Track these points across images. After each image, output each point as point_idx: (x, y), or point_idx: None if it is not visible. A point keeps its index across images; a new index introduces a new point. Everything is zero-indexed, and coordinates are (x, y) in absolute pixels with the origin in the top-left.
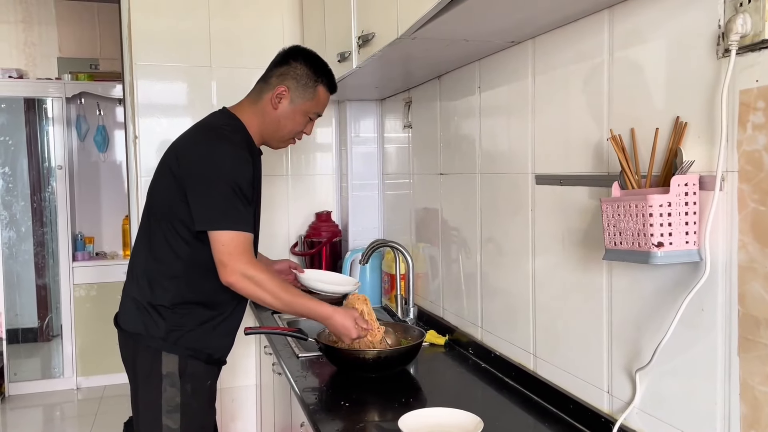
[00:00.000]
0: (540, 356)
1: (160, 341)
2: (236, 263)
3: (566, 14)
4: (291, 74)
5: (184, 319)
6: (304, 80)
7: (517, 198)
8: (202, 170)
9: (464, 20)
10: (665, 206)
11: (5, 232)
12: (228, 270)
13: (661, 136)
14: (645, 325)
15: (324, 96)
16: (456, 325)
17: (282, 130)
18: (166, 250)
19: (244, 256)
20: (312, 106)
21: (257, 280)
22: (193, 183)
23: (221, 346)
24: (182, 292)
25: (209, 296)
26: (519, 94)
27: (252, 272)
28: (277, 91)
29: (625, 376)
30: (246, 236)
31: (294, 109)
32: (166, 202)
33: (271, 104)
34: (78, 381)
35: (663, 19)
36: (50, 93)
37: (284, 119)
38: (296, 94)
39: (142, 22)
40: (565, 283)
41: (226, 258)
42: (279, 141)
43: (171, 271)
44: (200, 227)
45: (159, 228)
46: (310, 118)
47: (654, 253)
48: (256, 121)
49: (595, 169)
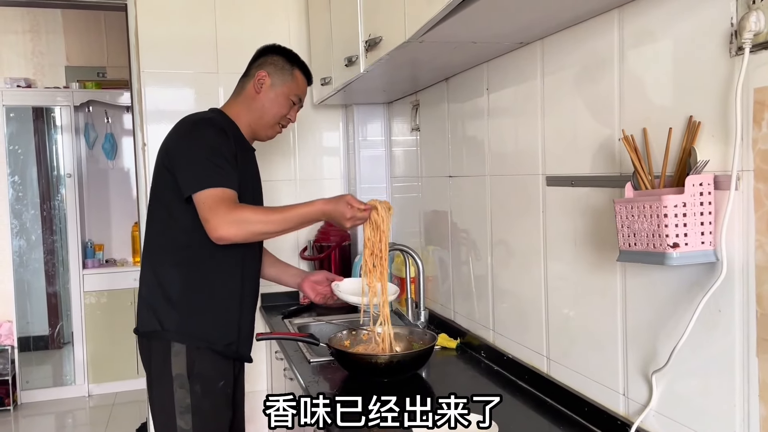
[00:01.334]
0: (553, 359)
1: (172, 333)
2: (217, 216)
3: (576, 14)
4: (268, 61)
5: (194, 307)
6: (281, 64)
7: (528, 200)
8: (184, 146)
9: (473, 23)
10: (680, 206)
11: (16, 241)
12: (211, 225)
13: (674, 135)
14: (660, 327)
15: (302, 80)
16: (467, 328)
17: (267, 114)
18: (167, 240)
19: (224, 206)
20: (293, 87)
21: (241, 218)
22: (177, 161)
23: (238, 336)
24: (188, 280)
25: (215, 284)
26: (528, 95)
27: (233, 216)
28: (258, 77)
29: (640, 378)
30: (225, 191)
31: (276, 92)
32: (163, 193)
33: (255, 89)
34: (89, 388)
35: (674, 18)
36: (58, 102)
37: (268, 102)
38: (276, 78)
39: (149, 30)
40: (577, 285)
41: (208, 214)
42: (266, 128)
43: (174, 259)
44: (186, 194)
45: (160, 221)
46: (293, 101)
47: (669, 254)
48: (242, 111)
49: (607, 169)
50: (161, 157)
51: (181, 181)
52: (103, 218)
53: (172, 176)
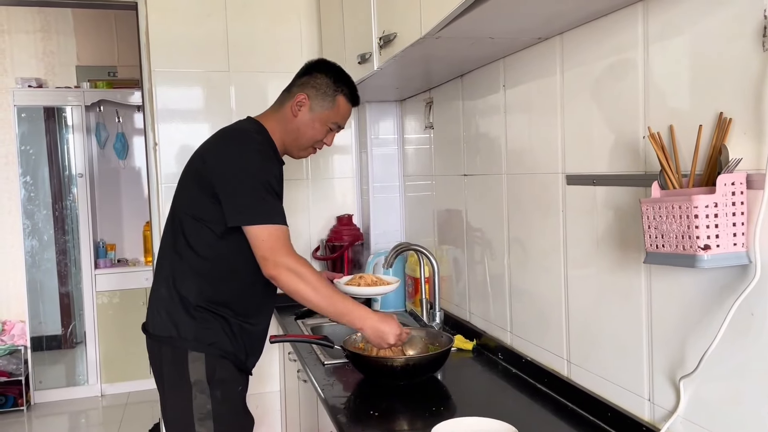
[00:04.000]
0: (574, 362)
1: (189, 341)
2: (278, 257)
3: (598, 8)
4: (311, 83)
5: (212, 319)
6: (324, 89)
7: (547, 199)
8: (233, 168)
9: (491, 18)
10: (711, 207)
11: (28, 241)
12: (270, 263)
13: (703, 133)
14: (689, 331)
15: (344, 106)
16: (483, 329)
17: (301, 138)
18: (190, 251)
19: (285, 249)
20: (332, 115)
21: (300, 273)
22: (223, 182)
23: (248, 352)
24: (206, 292)
25: (234, 298)
26: (547, 91)
27: (294, 265)
28: (297, 99)
29: (667, 384)
30: (284, 230)
31: (313, 117)
32: (191, 204)
33: (292, 112)
34: (102, 388)
35: (702, 12)
36: (69, 101)
37: (303, 127)
38: (316, 102)
39: (159, 29)
40: (600, 286)
41: (268, 252)
42: (299, 149)
43: (195, 269)
44: (234, 223)
45: (184, 230)
46: (330, 128)
47: (700, 256)
48: (278, 128)
49: (631, 168)
50: (197, 163)
51: (228, 208)
52: (114, 218)
53: (207, 190)
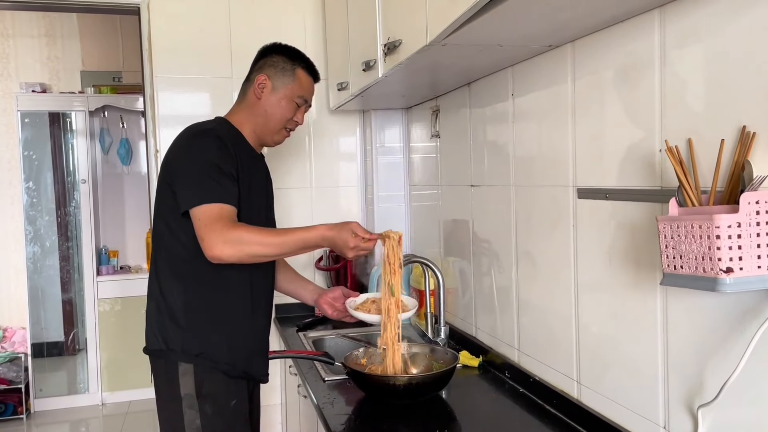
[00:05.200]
0: (585, 383)
1: (178, 353)
2: (213, 233)
3: (613, 15)
4: (268, 63)
5: (198, 326)
6: (281, 65)
7: (557, 212)
8: (182, 159)
9: (500, 24)
10: (734, 227)
11: (30, 247)
12: (206, 243)
13: (725, 147)
14: (708, 357)
15: (305, 79)
16: (490, 345)
17: (270, 120)
18: (169, 254)
19: (221, 225)
20: (296, 89)
21: (237, 238)
22: (175, 173)
23: (248, 356)
24: (191, 296)
25: (220, 301)
26: (557, 100)
27: (229, 234)
28: (258, 82)
29: (684, 411)
30: (223, 207)
31: (278, 95)
32: (163, 207)
33: (255, 95)
34: (103, 396)
35: (723, 18)
36: (74, 106)
37: (270, 107)
38: (276, 80)
39: (162, 34)
40: (612, 305)
41: (203, 231)
42: (272, 133)
43: (177, 273)
44: (183, 209)
45: (162, 235)
46: (297, 103)
47: (722, 279)
48: (246, 118)
49: (646, 182)
50: (162, 169)
51: (179, 196)
52: (117, 224)
53: (171, 190)
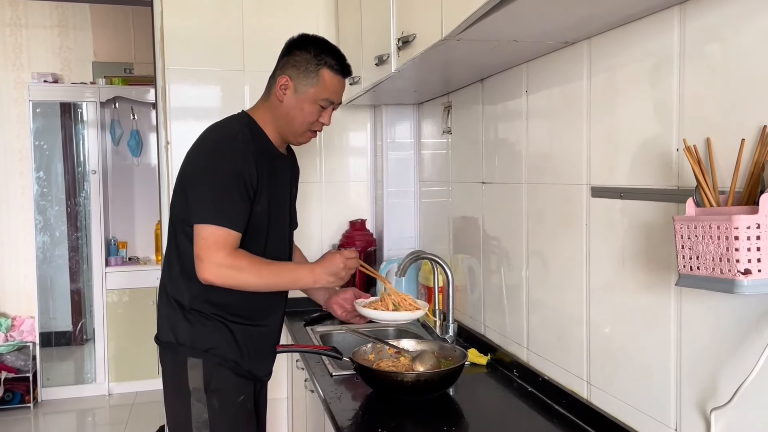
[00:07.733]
0: (595, 384)
1: (187, 348)
2: (212, 259)
3: (632, 12)
4: (291, 62)
5: (208, 323)
6: (305, 65)
7: (570, 211)
8: (199, 165)
9: (517, 19)
10: (753, 228)
11: (40, 237)
12: (203, 265)
13: (745, 147)
14: (722, 359)
15: (331, 80)
16: (499, 343)
17: (293, 122)
18: (181, 253)
19: (222, 252)
20: (319, 92)
21: (234, 265)
22: (190, 180)
23: (254, 358)
24: (199, 293)
25: (235, 300)
26: (572, 97)
27: (227, 260)
28: (280, 83)
29: (696, 414)
30: (230, 234)
31: (299, 98)
32: (177, 206)
33: (277, 97)
34: (110, 387)
35: (747, 15)
36: (85, 97)
37: (292, 110)
38: (299, 82)
39: (174, 26)
40: (625, 305)
41: (203, 251)
42: (295, 135)
43: (187, 271)
44: (193, 221)
45: (175, 233)
46: (322, 106)
47: (740, 281)
48: (269, 119)
49: (662, 182)
50: (183, 167)
51: (192, 207)
52: (127, 215)
53: (185, 191)
